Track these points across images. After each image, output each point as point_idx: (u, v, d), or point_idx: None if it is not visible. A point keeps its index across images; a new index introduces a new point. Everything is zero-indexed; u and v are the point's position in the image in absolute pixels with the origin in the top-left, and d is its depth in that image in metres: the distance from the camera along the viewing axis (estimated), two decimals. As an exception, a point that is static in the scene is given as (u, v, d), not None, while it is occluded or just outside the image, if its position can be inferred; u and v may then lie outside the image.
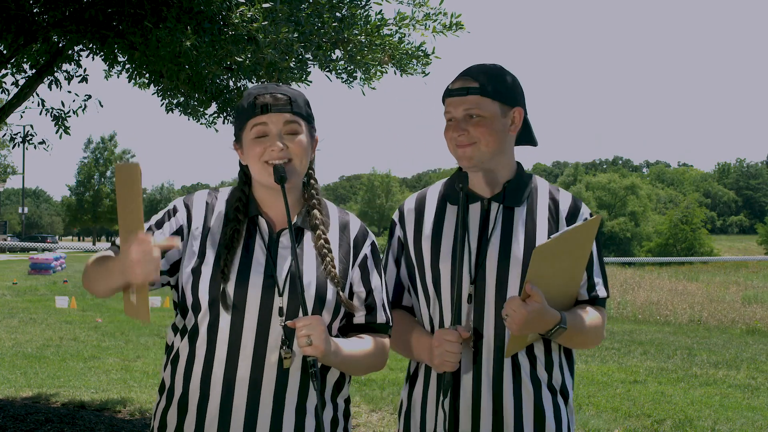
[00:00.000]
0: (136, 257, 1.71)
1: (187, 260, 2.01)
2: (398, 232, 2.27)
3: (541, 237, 2.13)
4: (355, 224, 2.12)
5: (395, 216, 2.30)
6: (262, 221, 2.03)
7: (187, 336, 2.00)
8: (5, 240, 48.25)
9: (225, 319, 1.94)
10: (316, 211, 2.05)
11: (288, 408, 1.93)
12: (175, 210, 2.07)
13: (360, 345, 2.01)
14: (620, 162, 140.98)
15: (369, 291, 2.06)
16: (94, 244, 77.76)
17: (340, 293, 1.99)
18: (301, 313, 1.92)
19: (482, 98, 2.12)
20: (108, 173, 72.15)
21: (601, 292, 2.18)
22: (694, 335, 12.89)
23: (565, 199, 2.21)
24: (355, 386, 7.68)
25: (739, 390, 8.10)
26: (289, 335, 1.93)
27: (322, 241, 2.01)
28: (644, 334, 12.95)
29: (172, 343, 2.06)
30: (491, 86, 2.13)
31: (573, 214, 2.18)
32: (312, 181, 2.10)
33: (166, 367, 2.05)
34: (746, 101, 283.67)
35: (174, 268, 2.03)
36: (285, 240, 2.01)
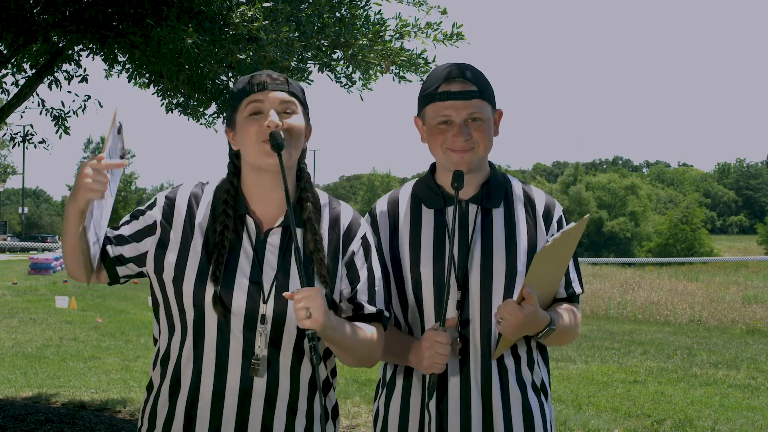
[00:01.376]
0: (87, 171, 1.77)
1: (169, 251, 1.96)
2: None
3: (521, 237, 2.13)
4: (346, 217, 2.06)
5: (366, 220, 2.23)
6: (249, 220, 1.97)
7: (174, 336, 1.96)
8: (5, 240, 48.27)
9: (211, 325, 1.90)
10: (309, 204, 1.99)
11: (278, 413, 1.92)
12: (154, 203, 2.02)
13: (358, 329, 1.96)
14: (620, 162, 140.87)
15: (354, 285, 2.01)
16: (94, 244, 77.53)
17: (329, 295, 1.94)
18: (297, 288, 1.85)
19: (482, 102, 2.10)
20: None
21: (577, 288, 2.21)
22: (694, 335, 12.89)
23: (539, 198, 2.22)
24: (355, 386, 7.68)
25: (739, 390, 8.10)
26: (273, 343, 1.90)
27: (316, 237, 1.96)
28: (644, 334, 12.95)
29: (159, 337, 2.02)
30: (485, 89, 2.13)
31: (549, 212, 2.20)
32: (303, 173, 2.05)
33: (155, 365, 2.02)
34: (746, 101, 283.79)
35: (142, 259, 1.98)
36: (273, 240, 1.96)
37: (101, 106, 6.73)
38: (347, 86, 5.58)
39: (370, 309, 2.00)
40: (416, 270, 2.13)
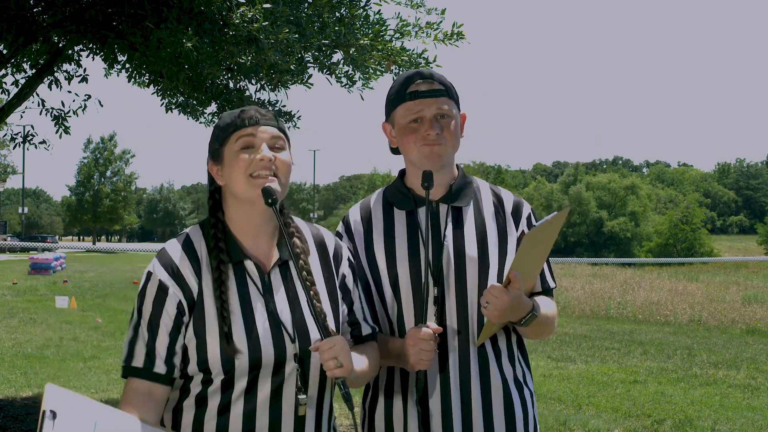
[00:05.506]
0: None
1: (189, 325, 1.91)
2: (346, 243, 2.26)
3: (492, 232, 2.23)
4: (329, 241, 2.10)
5: (340, 229, 2.31)
6: (249, 264, 1.94)
7: (196, 392, 1.91)
8: (5, 240, 48.24)
9: (241, 378, 1.87)
10: (296, 240, 2.00)
11: None
12: (165, 290, 1.90)
13: (364, 359, 2.01)
14: (620, 162, 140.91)
15: (350, 307, 2.06)
16: (94, 243, 77.78)
17: (327, 325, 1.93)
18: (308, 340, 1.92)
19: (449, 100, 2.22)
20: (108, 173, 72.09)
21: (551, 283, 2.30)
22: (694, 335, 12.89)
23: (507, 197, 2.31)
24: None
25: (739, 390, 8.11)
26: (304, 382, 1.90)
27: (304, 272, 1.96)
28: (644, 334, 12.96)
29: (176, 405, 1.94)
30: (451, 89, 2.24)
31: (517, 209, 2.29)
32: (283, 206, 2.04)
33: (177, 420, 1.94)
34: (746, 101, 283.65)
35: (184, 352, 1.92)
36: (275, 279, 1.95)
37: (101, 106, 6.74)
38: (348, 86, 5.58)
39: (366, 330, 2.08)
40: (393, 270, 2.20)
